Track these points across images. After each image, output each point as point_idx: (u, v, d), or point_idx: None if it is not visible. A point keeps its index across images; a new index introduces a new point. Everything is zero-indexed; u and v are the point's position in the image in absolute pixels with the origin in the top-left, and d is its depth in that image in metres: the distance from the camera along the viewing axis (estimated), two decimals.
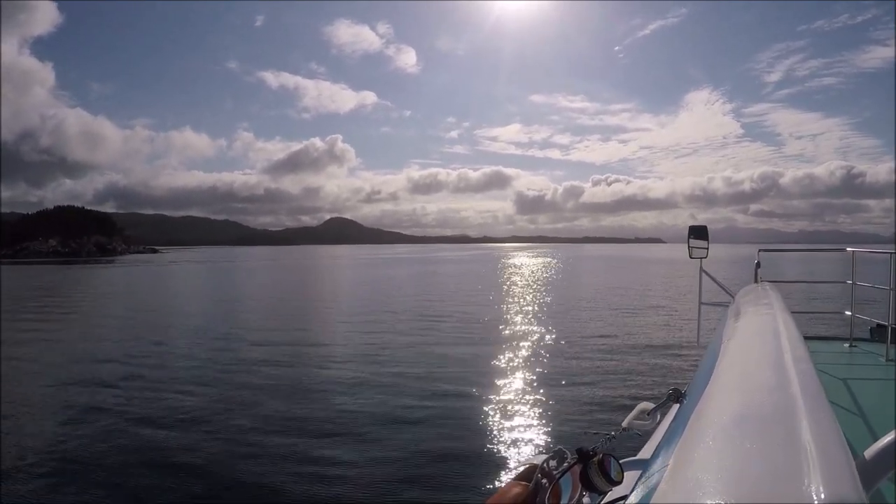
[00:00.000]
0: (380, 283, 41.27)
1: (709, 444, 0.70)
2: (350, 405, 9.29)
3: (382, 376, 11.33)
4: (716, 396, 0.91)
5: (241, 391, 10.20)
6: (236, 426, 8.26)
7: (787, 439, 0.61)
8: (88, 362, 13.08)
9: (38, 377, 11.69)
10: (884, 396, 3.83)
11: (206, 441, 7.65)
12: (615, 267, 66.91)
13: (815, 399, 0.72)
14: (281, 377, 11.39)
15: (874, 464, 0.77)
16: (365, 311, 23.28)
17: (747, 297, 2.20)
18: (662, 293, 30.60)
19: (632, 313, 21.73)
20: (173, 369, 12.20)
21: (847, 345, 5.38)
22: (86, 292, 35.66)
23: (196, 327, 18.69)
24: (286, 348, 14.59)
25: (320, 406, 9.27)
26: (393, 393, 9.99)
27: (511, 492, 1.02)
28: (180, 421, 8.56)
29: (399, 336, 16.48)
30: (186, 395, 10.01)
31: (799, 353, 0.98)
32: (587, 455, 1.06)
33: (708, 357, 1.44)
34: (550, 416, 8.67)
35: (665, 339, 15.65)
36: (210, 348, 14.66)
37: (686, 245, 4.40)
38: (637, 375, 11.28)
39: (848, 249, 5.70)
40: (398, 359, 13.05)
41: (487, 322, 19.47)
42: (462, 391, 10.05)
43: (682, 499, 0.60)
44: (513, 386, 10.45)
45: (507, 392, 10.00)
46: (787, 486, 0.51)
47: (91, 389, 10.51)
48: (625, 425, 1.48)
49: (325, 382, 10.95)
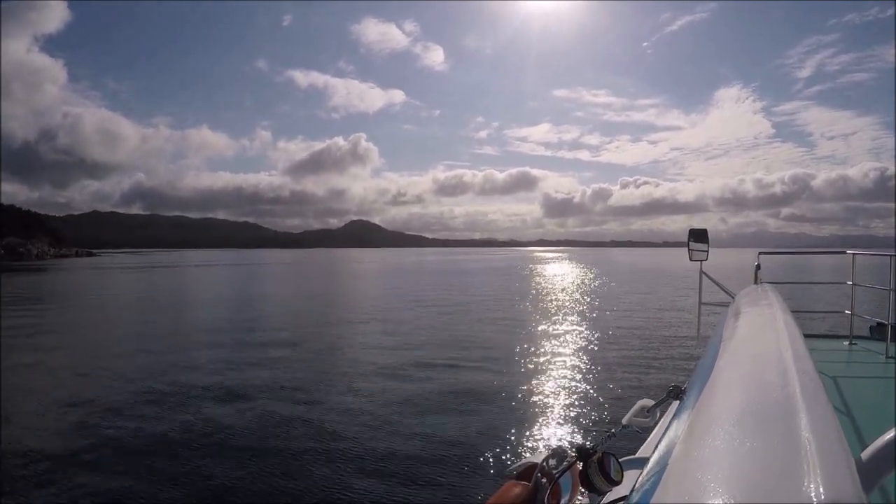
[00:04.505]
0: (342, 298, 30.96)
1: (709, 441, 0.69)
2: (350, 405, 9.30)
3: (381, 378, 11.33)
4: (716, 394, 0.91)
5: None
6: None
7: (786, 437, 0.61)
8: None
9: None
10: (884, 394, 3.83)
11: (205, 440, 7.67)
12: (628, 272, 66.63)
13: (814, 396, 0.72)
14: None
15: (874, 462, 0.77)
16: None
17: (747, 298, 2.20)
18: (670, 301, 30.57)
19: (632, 313, 21.76)
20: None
21: (847, 343, 5.39)
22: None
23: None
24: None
25: (317, 406, 9.28)
26: (392, 393, 10.00)
27: (511, 491, 1.02)
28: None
29: (398, 336, 16.48)
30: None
31: (799, 351, 0.98)
32: (587, 453, 1.05)
33: (708, 355, 1.43)
34: (550, 413, 8.67)
35: (665, 337, 15.67)
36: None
37: (687, 248, 4.48)
38: (637, 373, 11.28)
39: (848, 252, 5.73)
40: (396, 361, 13.04)
41: (487, 322, 19.48)
42: (461, 391, 10.05)
43: (682, 498, 0.59)
44: (512, 384, 10.44)
45: (506, 390, 9.99)
46: (787, 484, 0.51)
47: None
48: (625, 422, 1.48)
49: (316, 384, 10.95)
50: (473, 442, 7.42)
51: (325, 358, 13.33)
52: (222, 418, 8.58)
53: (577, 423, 8.28)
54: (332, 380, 11.11)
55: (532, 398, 9.51)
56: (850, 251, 5.68)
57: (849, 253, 5.71)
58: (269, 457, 7.02)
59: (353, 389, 10.29)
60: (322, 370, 11.98)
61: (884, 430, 0.81)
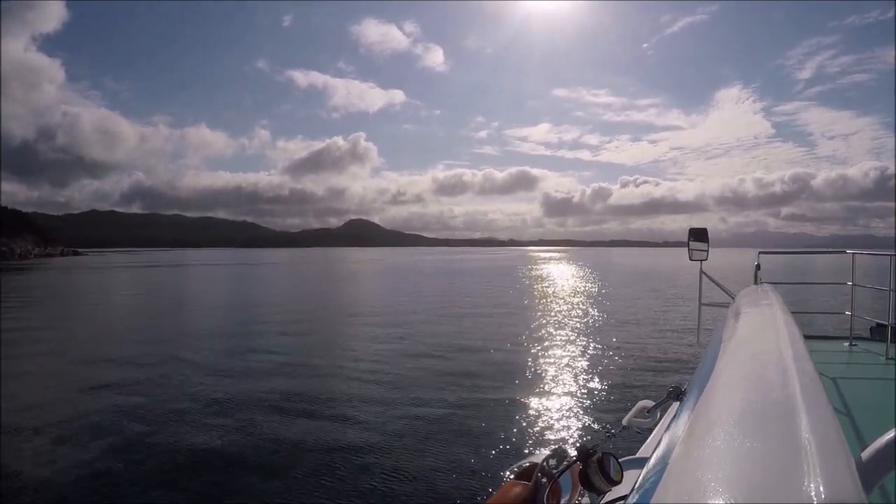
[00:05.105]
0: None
1: (709, 442, 0.69)
2: (349, 405, 9.30)
3: (380, 379, 11.32)
4: (716, 395, 0.91)
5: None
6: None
7: (786, 437, 0.61)
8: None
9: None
10: (884, 395, 3.83)
11: (203, 438, 7.67)
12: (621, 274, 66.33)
13: (814, 397, 0.72)
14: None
15: (874, 462, 0.77)
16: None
17: (747, 298, 2.20)
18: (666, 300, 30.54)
19: (632, 313, 21.75)
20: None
21: (847, 344, 5.39)
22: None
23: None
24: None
25: (316, 406, 9.28)
26: (391, 394, 10.00)
27: (511, 491, 1.02)
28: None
29: (397, 337, 16.48)
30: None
31: (799, 352, 0.98)
32: (587, 454, 1.06)
33: (708, 355, 1.43)
34: (551, 413, 8.68)
35: (665, 338, 15.67)
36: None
37: (686, 248, 4.46)
38: (637, 374, 11.29)
39: (848, 252, 5.72)
40: (395, 361, 13.04)
41: (486, 322, 19.48)
42: (461, 391, 10.05)
43: (682, 498, 0.59)
44: (512, 384, 10.45)
45: (506, 391, 9.99)
46: (787, 485, 0.51)
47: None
48: (625, 423, 1.48)
49: (313, 382, 10.94)
50: (474, 442, 7.43)
51: (323, 358, 13.32)
52: (213, 421, 8.58)
53: (578, 423, 8.29)
54: (330, 380, 11.09)
55: (532, 399, 9.51)
56: (851, 251, 5.68)
57: (849, 253, 5.71)
58: (270, 457, 7.02)
59: (353, 390, 10.28)
60: (320, 371, 11.97)
61: (884, 430, 0.82)
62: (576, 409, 8.96)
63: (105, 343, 15.95)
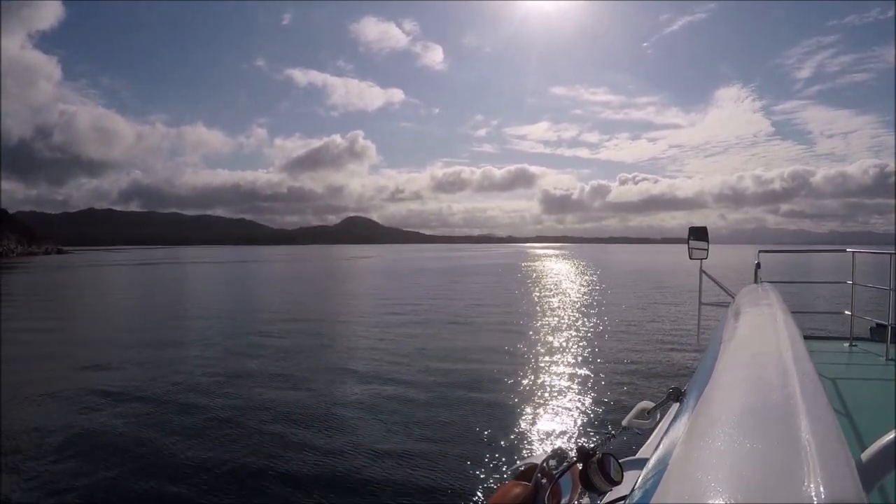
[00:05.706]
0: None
1: (709, 443, 0.69)
2: (349, 406, 9.30)
3: (380, 378, 11.32)
4: (716, 395, 0.91)
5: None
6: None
7: (786, 438, 0.61)
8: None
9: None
10: (884, 396, 3.83)
11: (202, 436, 7.67)
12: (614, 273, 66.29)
13: (814, 398, 0.72)
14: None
15: (874, 463, 0.77)
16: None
17: (747, 298, 2.20)
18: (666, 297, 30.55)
19: (632, 312, 21.74)
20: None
21: (847, 344, 5.40)
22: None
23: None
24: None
25: (315, 406, 9.28)
26: (391, 394, 9.99)
27: (511, 491, 1.02)
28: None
29: (396, 337, 16.48)
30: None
31: (799, 353, 0.98)
32: (587, 454, 1.06)
33: (708, 356, 1.43)
34: (551, 414, 8.68)
35: (665, 338, 15.66)
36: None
37: (686, 246, 4.44)
38: (637, 374, 11.28)
39: (848, 250, 5.71)
40: (395, 361, 13.03)
41: (485, 323, 19.47)
42: (461, 391, 10.05)
43: (682, 498, 0.60)
44: (512, 385, 10.44)
45: (506, 391, 9.99)
46: (787, 486, 0.51)
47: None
48: (625, 424, 1.49)
49: (317, 383, 10.94)
50: (474, 442, 7.43)
51: (318, 360, 13.33)
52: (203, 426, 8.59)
53: (578, 424, 8.29)
54: (328, 381, 11.09)
55: (532, 399, 9.51)
56: (851, 249, 5.66)
57: (849, 251, 5.70)
58: (268, 456, 7.02)
59: (352, 390, 10.28)
60: (316, 372, 11.97)
61: (884, 431, 0.82)
62: (576, 409, 8.96)
63: (73, 345, 15.98)
